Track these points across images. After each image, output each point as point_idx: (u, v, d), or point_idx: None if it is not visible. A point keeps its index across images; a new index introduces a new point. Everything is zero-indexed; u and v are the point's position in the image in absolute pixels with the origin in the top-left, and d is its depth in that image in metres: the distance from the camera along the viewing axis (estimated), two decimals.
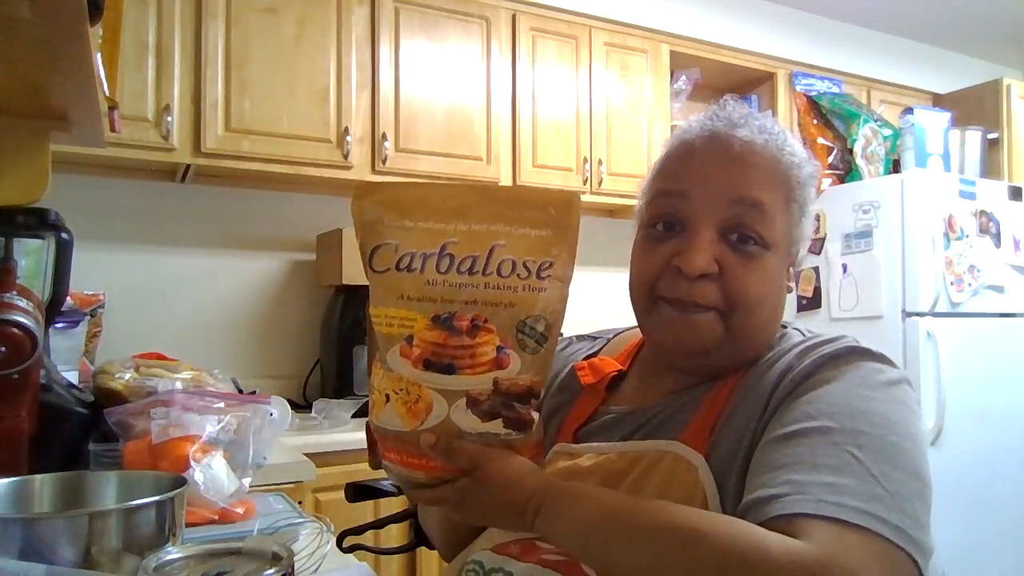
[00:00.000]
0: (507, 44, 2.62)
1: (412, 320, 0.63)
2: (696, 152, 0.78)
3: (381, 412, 0.66)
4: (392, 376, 0.65)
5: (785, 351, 0.76)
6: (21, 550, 0.61)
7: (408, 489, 0.70)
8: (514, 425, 0.65)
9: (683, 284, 0.75)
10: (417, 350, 0.63)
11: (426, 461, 0.66)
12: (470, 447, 0.65)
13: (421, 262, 0.63)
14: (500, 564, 0.74)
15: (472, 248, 0.63)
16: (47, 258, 1.13)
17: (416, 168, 2.41)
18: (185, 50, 2.11)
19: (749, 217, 0.75)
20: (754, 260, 0.76)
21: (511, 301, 0.64)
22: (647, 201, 0.81)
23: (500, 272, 0.63)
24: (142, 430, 1.07)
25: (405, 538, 1.13)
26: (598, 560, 0.64)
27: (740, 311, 0.75)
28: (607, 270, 3.10)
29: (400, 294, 0.64)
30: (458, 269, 0.63)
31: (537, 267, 0.64)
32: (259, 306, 2.52)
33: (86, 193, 2.24)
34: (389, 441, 0.68)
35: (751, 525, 0.59)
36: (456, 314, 0.63)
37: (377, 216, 0.65)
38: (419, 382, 0.64)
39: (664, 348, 0.80)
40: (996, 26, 3.64)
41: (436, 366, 0.63)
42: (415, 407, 0.64)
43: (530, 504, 0.65)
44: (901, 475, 0.62)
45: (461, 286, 0.63)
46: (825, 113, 3.29)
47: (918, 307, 2.62)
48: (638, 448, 0.76)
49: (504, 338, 0.64)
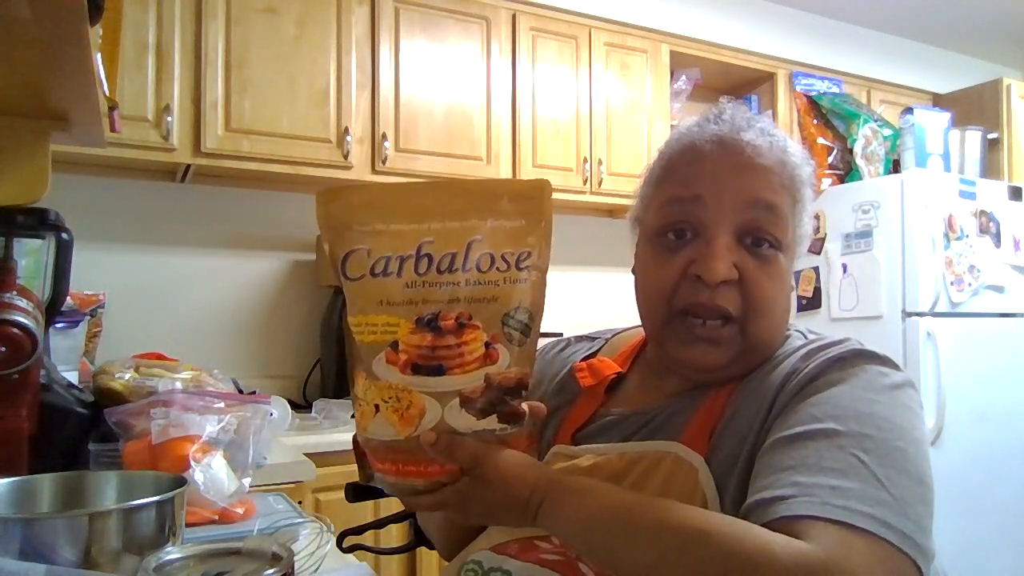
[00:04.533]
0: (507, 44, 2.62)
1: (395, 325, 0.62)
2: (706, 156, 0.77)
3: (370, 423, 0.65)
4: (380, 385, 0.63)
5: (788, 353, 0.76)
6: (21, 550, 0.61)
7: (406, 497, 0.69)
8: (508, 419, 0.64)
9: (704, 292, 0.74)
10: (404, 355, 0.62)
11: (423, 467, 0.65)
12: (471, 443, 0.64)
13: (398, 265, 0.61)
14: (498, 563, 0.74)
15: (449, 246, 0.62)
16: (47, 258, 1.13)
17: (416, 168, 2.41)
18: (185, 50, 2.11)
19: (764, 220, 0.75)
20: (770, 263, 0.76)
21: (493, 295, 0.63)
22: (657, 208, 0.80)
23: (480, 267, 0.62)
24: (142, 430, 1.07)
25: (405, 538, 1.13)
26: (600, 556, 0.64)
27: (756, 316, 0.75)
28: (607, 270, 3.10)
29: (379, 300, 0.62)
30: (438, 268, 0.62)
31: (515, 259, 0.63)
32: (259, 306, 2.52)
33: (86, 193, 2.24)
34: (381, 452, 0.66)
35: (756, 526, 0.58)
36: (440, 314, 0.61)
37: (345, 222, 0.62)
38: (409, 388, 0.62)
39: (682, 364, 0.78)
40: (996, 26, 3.64)
41: (425, 369, 0.62)
42: (407, 414, 0.63)
43: (532, 499, 0.65)
44: (906, 480, 0.61)
45: (442, 285, 0.62)
46: (825, 113, 3.28)
47: (918, 307, 2.62)
48: (638, 449, 0.75)
49: (491, 333, 0.63)
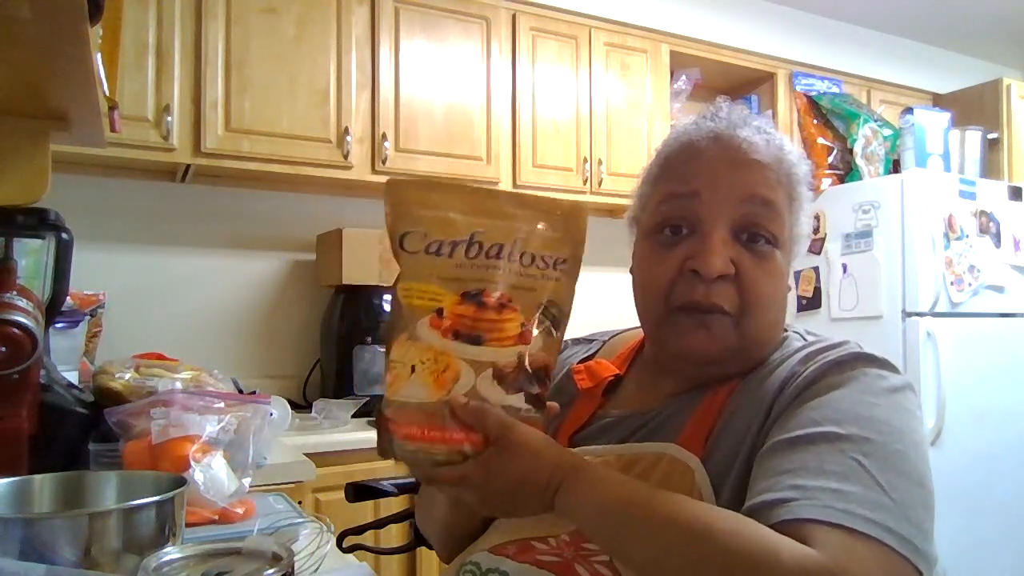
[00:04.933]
0: (507, 44, 2.62)
1: (442, 295, 0.66)
2: (703, 153, 0.77)
3: (404, 385, 0.66)
4: (420, 346, 0.66)
5: (786, 356, 0.76)
6: (21, 550, 0.61)
7: (426, 469, 0.68)
8: (533, 402, 0.68)
9: (700, 287, 0.74)
10: (447, 321, 0.66)
11: (448, 434, 0.66)
12: (500, 412, 0.65)
13: (450, 248, 0.66)
14: (496, 564, 0.74)
15: (498, 238, 0.67)
16: (47, 258, 1.13)
17: (416, 168, 2.41)
18: (185, 50, 2.11)
19: (760, 216, 0.76)
20: (766, 259, 0.76)
21: (531, 287, 0.68)
22: (654, 205, 0.80)
23: (522, 262, 0.68)
24: (142, 430, 1.07)
25: (405, 538, 1.13)
26: (609, 544, 0.64)
27: (752, 312, 0.75)
28: (607, 270, 3.09)
29: (430, 273, 0.67)
30: (486, 255, 0.67)
31: (553, 261, 0.69)
32: (259, 306, 2.52)
33: (86, 193, 2.24)
34: (408, 414, 0.67)
35: (762, 527, 0.59)
36: (485, 291, 0.66)
37: (408, 205, 0.68)
38: (448, 351, 0.66)
39: (680, 358, 0.79)
40: (996, 26, 3.64)
41: (465, 337, 0.66)
42: (442, 376, 0.66)
43: (553, 478, 0.65)
44: (906, 484, 0.62)
45: (488, 268, 0.67)
46: (825, 113, 3.29)
47: (918, 307, 2.62)
48: (634, 450, 0.76)
49: (527, 319, 0.67)
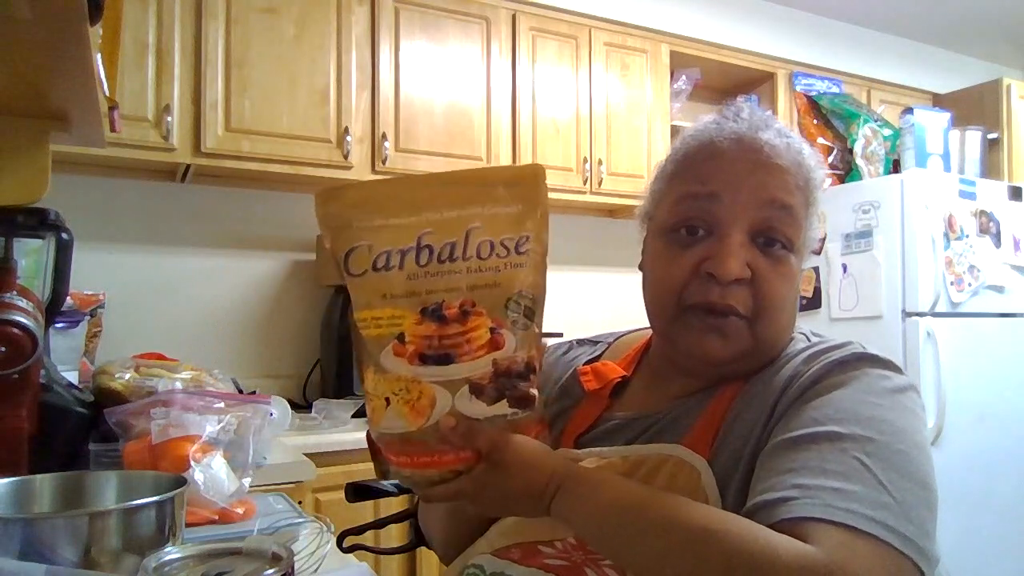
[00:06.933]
0: (507, 44, 2.62)
1: (400, 317, 0.63)
2: (724, 154, 0.76)
3: (383, 418, 0.65)
4: (389, 377, 0.63)
5: (791, 356, 0.76)
6: (21, 550, 0.61)
7: (422, 489, 0.69)
8: (519, 403, 0.65)
9: (715, 289, 0.74)
10: (411, 346, 0.63)
11: (438, 457, 0.65)
12: (490, 429, 0.64)
13: (399, 259, 0.62)
14: (501, 568, 0.74)
15: (448, 235, 0.63)
16: (47, 258, 1.13)
17: (416, 168, 2.41)
18: (185, 50, 2.11)
19: (779, 220, 0.75)
20: (781, 263, 0.76)
21: (495, 281, 0.64)
22: (670, 203, 0.79)
23: (480, 255, 0.63)
24: (142, 430, 1.07)
25: (405, 538, 1.13)
26: (609, 549, 0.64)
27: (766, 315, 0.75)
28: (607, 270, 3.09)
29: (383, 293, 0.63)
30: (438, 259, 0.62)
31: (515, 244, 0.64)
32: (259, 306, 2.52)
33: (86, 193, 2.24)
34: (396, 445, 0.66)
35: (762, 527, 0.58)
36: (443, 303, 0.62)
37: (345, 220, 0.64)
38: (418, 378, 0.63)
39: (692, 357, 0.78)
40: (996, 26, 3.64)
41: (433, 359, 0.62)
42: (418, 404, 0.63)
43: (549, 486, 0.65)
44: (909, 484, 0.61)
45: (443, 275, 0.63)
46: (825, 113, 3.28)
47: (918, 307, 2.61)
48: (641, 452, 0.75)
49: (495, 319, 0.63)
